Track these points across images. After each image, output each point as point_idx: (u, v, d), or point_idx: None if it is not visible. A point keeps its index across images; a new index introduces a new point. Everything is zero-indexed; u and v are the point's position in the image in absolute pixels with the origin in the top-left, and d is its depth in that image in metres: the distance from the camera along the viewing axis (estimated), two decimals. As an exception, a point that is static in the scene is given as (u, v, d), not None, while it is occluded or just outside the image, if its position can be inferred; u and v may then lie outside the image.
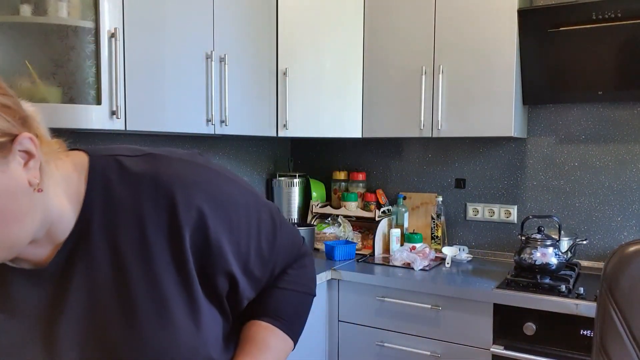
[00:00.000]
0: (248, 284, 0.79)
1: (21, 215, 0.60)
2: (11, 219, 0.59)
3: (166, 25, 1.87)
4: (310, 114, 2.49)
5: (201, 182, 0.71)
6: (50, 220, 0.66)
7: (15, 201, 0.59)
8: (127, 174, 0.70)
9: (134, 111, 1.75)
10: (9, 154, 0.59)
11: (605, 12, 2.00)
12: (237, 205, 0.75)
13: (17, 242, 0.62)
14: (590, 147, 2.39)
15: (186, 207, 0.69)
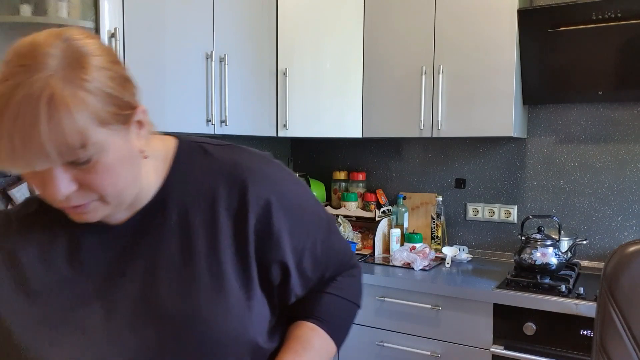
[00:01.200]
0: (299, 281, 0.82)
1: (132, 178, 0.69)
2: (126, 181, 0.67)
3: (166, 25, 1.87)
4: (310, 114, 2.49)
5: (272, 177, 0.79)
6: (140, 187, 0.73)
7: (131, 166, 0.67)
8: (209, 159, 0.78)
9: (134, 111, 1.74)
10: (130, 124, 0.67)
11: (605, 12, 2.00)
12: (300, 205, 0.81)
13: (124, 202, 0.70)
14: (590, 147, 2.39)
15: (256, 195, 0.75)
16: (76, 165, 0.61)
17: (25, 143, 0.56)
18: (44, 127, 0.56)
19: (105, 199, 0.66)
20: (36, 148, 0.57)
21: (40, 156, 0.57)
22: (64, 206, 0.65)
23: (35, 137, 0.56)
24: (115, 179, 0.65)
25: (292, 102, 2.47)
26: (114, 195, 0.66)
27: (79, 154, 0.60)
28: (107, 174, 0.64)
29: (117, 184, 0.66)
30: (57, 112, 0.57)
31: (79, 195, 0.64)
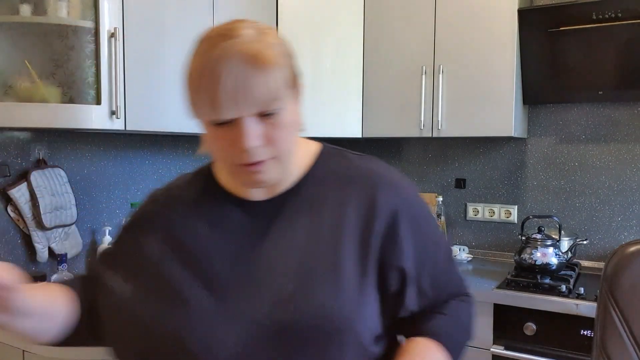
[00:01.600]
0: (414, 293, 0.84)
1: (295, 144, 0.79)
2: (293, 144, 0.78)
3: (166, 25, 1.87)
4: (310, 114, 2.49)
5: (404, 188, 0.85)
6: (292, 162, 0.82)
7: (296, 131, 0.78)
8: (347, 163, 0.86)
9: (134, 111, 1.74)
10: (297, 94, 0.78)
11: (605, 12, 2.00)
12: (427, 220, 0.87)
13: (288, 167, 0.80)
14: (590, 147, 2.38)
15: (385, 201, 0.82)
16: (264, 118, 0.72)
17: (238, 90, 0.69)
18: (254, 77, 0.69)
19: (280, 157, 0.75)
20: (247, 94, 0.69)
21: (248, 101, 0.69)
22: (245, 162, 0.73)
23: (247, 85, 0.69)
24: (290, 136, 0.76)
25: (292, 102, 2.46)
26: (286, 153, 0.76)
27: (273, 105, 0.71)
28: (285, 130, 0.74)
29: (290, 141, 0.76)
30: (263, 65, 0.69)
31: (262, 150, 0.73)
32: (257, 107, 0.71)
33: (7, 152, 1.77)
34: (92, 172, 2.03)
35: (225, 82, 0.69)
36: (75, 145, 1.97)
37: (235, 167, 0.75)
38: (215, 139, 0.75)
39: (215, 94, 0.69)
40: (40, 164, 1.84)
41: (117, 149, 2.12)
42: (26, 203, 1.76)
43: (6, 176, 1.76)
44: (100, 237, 1.98)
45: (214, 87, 0.69)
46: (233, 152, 0.73)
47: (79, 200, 1.95)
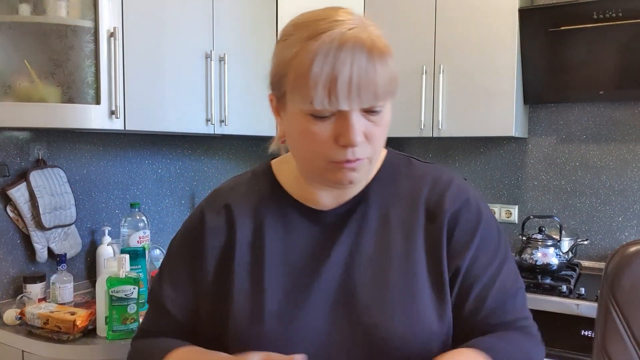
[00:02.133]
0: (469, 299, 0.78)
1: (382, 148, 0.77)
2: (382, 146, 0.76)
3: (165, 24, 1.86)
4: (310, 114, 2.48)
5: (470, 194, 0.82)
6: None
7: None
8: (414, 170, 0.84)
9: (133, 111, 1.74)
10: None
11: (606, 12, 1.99)
12: (490, 226, 0.82)
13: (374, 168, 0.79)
14: (591, 147, 2.38)
15: (452, 197, 0.80)
16: (368, 115, 0.70)
17: (360, 80, 0.66)
18: (378, 67, 0.67)
19: (372, 158, 0.74)
20: (368, 86, 0.66)
21: (368, 94, 0.67)
22: (345, 159, 0.70)
23: (369, 75, 0.66)
24: (385, 136, 0.74)
25: (292, 102, 2.46)
26: (378, 154, 0.75)
27: (384, 100, 0.69)
28: (384, 128, 0.73)
29: (382, 143, 0.75)
30: (384, 56, 0.68)
31: (361, 149, 0.71)
32: (374, 99, 0.68)
33: (6, 152, 1.76)
34: (92, 172, 2.03)
35: (349, 71, 0.65)
36: (74, 145, 1.96)
37: (328, 163, 0.72)
38: (308, 132, 0.70)
39: (334, 82, 0.65)
40: (40, 163, 1.83)
41: (117, 148, 2.12)
42: (25, 203, 1.76)
43: (5, 176, 1.75)
44: (100, 237, 1.98)
45: (333, 74, 0.65)
46: (331, 147, 0.70)
47: (78, 200, 1.95)
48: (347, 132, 0.68)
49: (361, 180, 0.77)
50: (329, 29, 0.67)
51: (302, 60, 0.67)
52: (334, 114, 0.69)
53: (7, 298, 1.76)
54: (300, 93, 0.68)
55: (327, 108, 0.67)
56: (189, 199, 2.45)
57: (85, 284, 2.00)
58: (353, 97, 0.66)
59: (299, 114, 0.70)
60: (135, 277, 1.50)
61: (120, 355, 1.47)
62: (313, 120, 0.69)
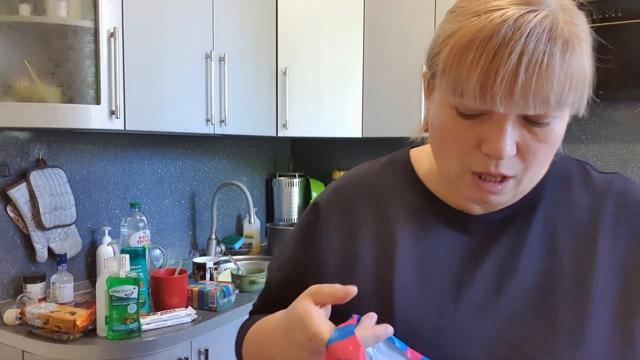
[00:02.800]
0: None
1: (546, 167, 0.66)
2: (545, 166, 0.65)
3: (165, 24, 1.86)
4: (310, 114, 2.48)
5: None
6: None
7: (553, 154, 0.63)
8: (592, 181, 0.68)
9: (133, 111, 1.74)
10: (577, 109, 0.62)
11: (606, 12, 1.99)
12: None
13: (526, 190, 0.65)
14: (591, 147, 2.38)
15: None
16: (530, 125, 0.55)
17: (530, 80, 0.50)
18: (557, 66, 0.51)
19: (522, 180, 0.59)
20: (541, 88, 0.51)
21: (540, 98, 0.51)
22: (485, 171, 0.57)
23: (545, 76, 0.50)
24: (550, 155, 0.59)
25: (292, 102, 2.46)
26: (532, 176, 0.59)
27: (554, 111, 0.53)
28: (550, 146, 0.58)
29: (545, 163, 0.60)
30: (573, 54, 0.52)
31: (510, 164, 0.56)
32: (543, 107, 0.52)
33: (6, 152, 1.76)
34: (92, 172, 2.03)
35: (515, 65, 0.50)
36: (74, 145, 1.96)
37: (464, 172, 0.59)
38: (450, 129, 0.58)
39: (491, 77, 0.51)
40: (40, 164, 1.83)
41: (117, 148, 2.12)
42: (25, 203, 1.76)
43: (5, 176, 1.75)
44: (100, 237, 1.98)
45: (491, 65, 0.51)
46: (472, 152, 0.57)
47: (78, 200, 1.95)
48: (495, 139, 0.54)
49: (503, 203, 0.63)
50: (505, 7, 0.52)
51: (460, 39, 0.53)
52: (484, 113, 0.55)
53: (7, 298, 1.76)
54: (450, 80, 0.55)
55: (479, 107, 0.54)
56: (189, 199, 2.45)
57: (85, 284, 2.00)
58: (515, 100, 0.52)
59: (444, 104, 0.58)
60: (135, 277, 1.50)
61: (120, 355, 1.48)
62: (457, 117, 0.57)
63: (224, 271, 2.08)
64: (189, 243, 2.46)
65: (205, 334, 1.66)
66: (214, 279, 2.01)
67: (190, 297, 1.78)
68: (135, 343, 1.49)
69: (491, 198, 0.59)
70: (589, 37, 0.56)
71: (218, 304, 1.75)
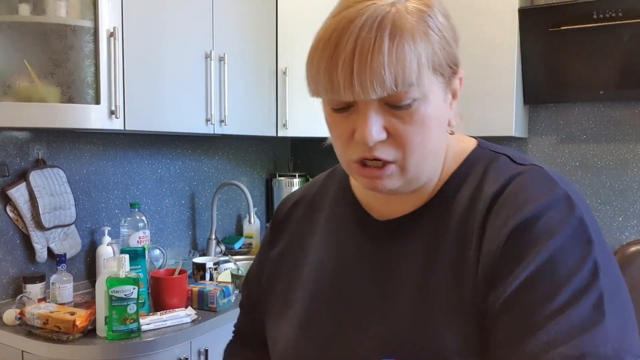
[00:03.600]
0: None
1: (436, 152, 0.63)
2: (431, 150, 0.62)
3: (165, 24, 1.86)
4: (310, 114, 2.48)
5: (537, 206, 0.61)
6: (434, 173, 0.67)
7: (440, 134, 0.62)
8: (505, 174, 0.64)
9: (133, 111, 1.74)
10: (449, 85, 0.62)
11: (606, 12, 1.99)
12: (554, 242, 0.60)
13: (418, 180, 0.64)
14: (591, 147, 2.38)
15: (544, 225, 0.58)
16: (393, 110, 0.58)
17: (364, 65, 0.54)
18: (386, 50, 0.54)
19: (406, 165, 0.61)
20: (374, 71, 0.54)
21: (375, 81, 0.55)
22: (363, 157, 0.60)
23: (375, 59, 0.54)
24: (425, 138, 0.60)
25: (292, 102, 2.46)
26: (416, 160, 0.61)
27: (406, 92, 0.56)
28: (419, 128, 0.59)
29: (424, 145, 0.60)
30: (401, 38, 0.55)
31: (384, 148, 0.59)
32: (382, 89, 0.55)
33: (6, 152, 1.76)
34: (91, 172, 2.03)
35: (346, 54, 0.55)
36: (74, 145, 1.96)
37: (351, 163, 0.63)
38: (332, 126, 0.63)
39: (334, 68, 0.56)
40: (40, 163, 1.83)
41: (117, 148, 2.12)
42: (25, 203, 1.76)
43: (5, 176, 1.75)
44: (100, 237, 1.98)
45: (332, 58, 0.56)
46: (350, 142, 0.61)
47: (78, 200, 1.95)
48: (361, 126, 0.58)
49: (397, 190, 0.63)
50: (357, 3, 0.57)
51: (314, 42, 0.59)
52: (351, 106, 0.59)
53: (7, 298, 1.76)
54: (309, 80, 0.60)
55: (330, 97, 0.59)
56: (189, 199, 2.44)
57: (85, 284, 2.00)
58: (355, 86, 0.55)
59: (325, 108, 0.64)
60: (135, 277, 1.50)
61: (119, 356, 1.47)
62: (332, 112, 0.62)
63: (223, 271, 2.08)
64: (189, 243, 2.45)
65: (205, 334, 1.66)
66: (213, 279, 2.01)
67: (190, 297, 1.78)
68: (135, 343, 1.49)
69: (378, 183, 0.62)
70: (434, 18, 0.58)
71: (218, 304, 1.75)
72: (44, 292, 1.73)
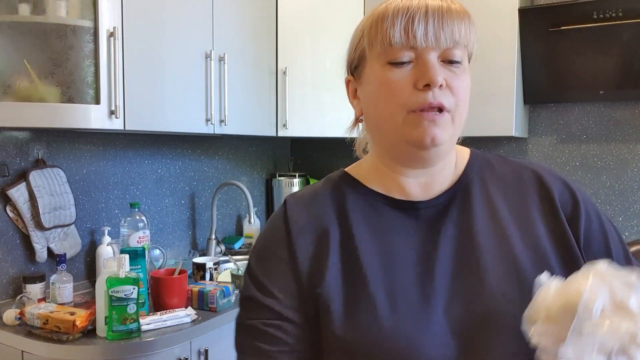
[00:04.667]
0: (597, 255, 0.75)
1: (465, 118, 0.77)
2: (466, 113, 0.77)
3: (165, 24, 1.86)
4: (310, 114, 2.48)
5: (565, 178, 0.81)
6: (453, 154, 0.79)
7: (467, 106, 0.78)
8: (506, 162, 0.82)
9: (133, 111, 1.74)
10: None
11: (606, 12, 1.99)
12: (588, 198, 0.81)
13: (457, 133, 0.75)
14: (591, 147, 2.38)
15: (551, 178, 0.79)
16: (449, 65, 0.71)
17: (438, 20, 0.69)
18: (454, 13, 0.71)
19: (456, 115, 0.72)
20: (445, 26, 0.69)
21: (446, 32, 0.69)
22: (425, 102, 0.69)
23: (446, 17, 0.69)
24: (468, 95, 0.75)
25: (291, 102, 2.46)
26: (462, 114, 0.74)
27: (462, 50, 0.72)
28: (466, 84, 0.74)
29: (466, 103, 0.75)
30: (462, 13, 0.73)
31: (443, 95, 0.70)
32: (450, 40, 0.69)
33: (6, 152, 1.76)
34: (91, 172, 2.02)
35: (426, 8, 0.69)
36: (74, 145, 1.96)
37: (407, 114, 0.70)
38: (388, 83, 0.70)
39: (409, 23, 0.68)
40: (39, 163, 1.83)
41: (117, 148, 2.12)
42: (25, 203, 1.76)
43: (5, 176, 1.75)
44: (99, 237, 1.98)
45: (407, 15, 0.68)
46: (410, 93, 0.69)
47: (78, 200, 1.95)
48: (427, 71, 0.68)
49: (444, 143, 0.71)
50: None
51: (378, 12, 0.71)
52: (412, 61, 0.70)
53: (7, 298, 1.76)
54: (379, 38, 0.70)
55: (405, 45, 0.69)
56: (189, 199, 2.44)
57: (85, 284, 2.00)
58: (429, 35, 0.68)
59: (379, 69, 0.71)
60: (135, 277, 1.50)
61: (119, 356, 1.47)
62: (392, 69, 0.70)
63: (223, 271, 2.08)
64: (189, 243, 2.45)
65: (205, 334, 1.66)
66: (213, 279, 2.01)
67: (190, 297, 1.78)
68: (134, 343, 1.49)
69: (434, 131, 0.69)
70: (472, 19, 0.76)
71: (218, 304, 1.75)
72: (44, 292, 1.73)
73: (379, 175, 0.79)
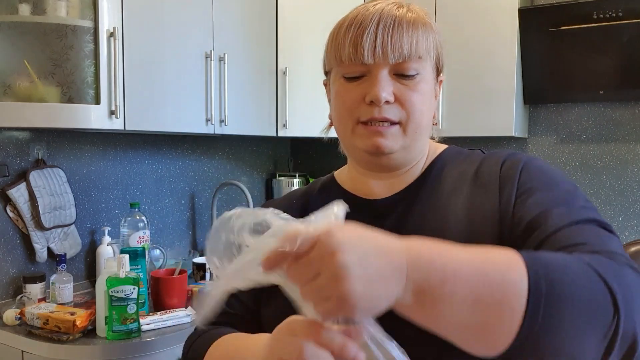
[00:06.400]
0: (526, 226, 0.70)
1: (427, 125, 0.78)
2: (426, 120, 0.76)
3: (165, 24, 1.86)
4: (310, 114, 2.48)
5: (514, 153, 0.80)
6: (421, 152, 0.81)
7: (430, 111, 0.78)
8: (472, 157, 0.82)
9: (133, 111, 1.74)
10: (436, 80, 0.81)
11: (606, 12, 1.99)
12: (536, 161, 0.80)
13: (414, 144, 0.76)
14: (591, 147, 2.38)
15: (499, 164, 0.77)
16: (401, 79, 0.72)
17: (386, 36, 0.70)
18: (405, 26, 0.71)
19: (407, 128, 0.73)
20: (394, 41, 0.70)
21: (394, 48, 0.70)
22: (371, 117, 0.71)
23: (396, 32, 0.70)
24: (424, 107, 0.74)
25: (291, 102, 2.46)
26: (415, 126, 0.74)
27: (415, 63, 0.72)
28: (421, 97, 0.73)
29: (422, 113, 0.74)
30: (416, 22, 0.72)
31: (391, 110, 0.72)
32: (399, 55, 0.70)
33: (6, 152, 1.76)
34: (91, 172, 2.03)
35: (375, 27, 0.70)
36: (74, 145, 1.96)
37: (356, 125, 0.74)
38: (341, 94, 0.75)
39: (358, 38, 0.71)
40: (40, 163, 1.83)
41: (117, 148, 2.12)
42: (25, 203, 1.76)
43: (5, 176, 1.75)
44: (100, 237, 1.98)
45: (359, 30, 0.71)
46: (359, 106, 0.73)
47: (78, 200, 1.95)
48: (374, 88, 0.70)
49: (395, 151, 0.73)
50: (370, 5, 0.74)
51: (339, 23, 0.75)
52: (364, 75, 0.72)
53: (7, 298, 1.76)
54: (333, 53, 0.74)
55: (354, 61, 0.71)
56: (189, 199, 2.44)
57: (85, 284, 2.00)
58: (377, 52, 0.70)
59: (337, 81, 0.76)
60: (135, 277, 1.50)
61: (120, 356, 1.47)
62: (345, 83, 0.74)
63: (223, 271, 2.08)
64: (189, 243, 2.45)
65: (205, 334, 1.66)
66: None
67: (190, 297, 1.78)
68: (135, 343, 1.49)
69: (382, 142, 0.72)
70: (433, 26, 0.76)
71: (218, 304, 1.75)
72: (44, 292, 1.73)
73: (351, 177, 0.84)
